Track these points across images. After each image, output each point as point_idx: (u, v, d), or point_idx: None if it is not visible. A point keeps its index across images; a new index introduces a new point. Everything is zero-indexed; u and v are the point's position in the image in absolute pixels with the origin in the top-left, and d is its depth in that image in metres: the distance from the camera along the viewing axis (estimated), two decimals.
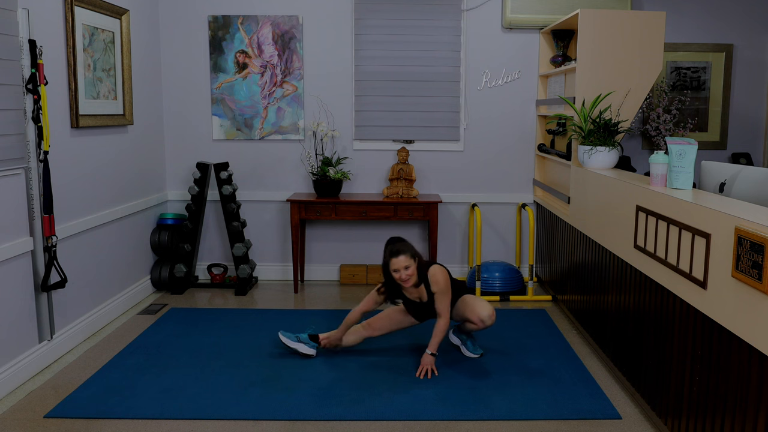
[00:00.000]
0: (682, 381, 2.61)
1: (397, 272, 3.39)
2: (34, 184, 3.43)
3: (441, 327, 3.46)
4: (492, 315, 3.50)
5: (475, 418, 2.95)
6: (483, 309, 3.50)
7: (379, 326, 3.69)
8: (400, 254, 3.39)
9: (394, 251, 3.40)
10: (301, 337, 3.66)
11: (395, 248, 3.41)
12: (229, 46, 5.12)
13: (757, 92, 5.30)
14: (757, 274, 2.02)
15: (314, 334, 3.70)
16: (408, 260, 3.39)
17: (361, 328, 3.70)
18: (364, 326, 3.70)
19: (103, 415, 2.97)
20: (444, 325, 3.46)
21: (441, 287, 3.45)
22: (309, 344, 3.65)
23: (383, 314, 3.72)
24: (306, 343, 3.65)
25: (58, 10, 3.69)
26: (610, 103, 4.03)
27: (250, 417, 2.96)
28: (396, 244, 3.43)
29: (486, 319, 3.49)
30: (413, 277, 3.41)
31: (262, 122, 5.20)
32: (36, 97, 3.37)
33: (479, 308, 3.51)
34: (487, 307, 3.51)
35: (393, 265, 3.39)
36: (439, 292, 3.45)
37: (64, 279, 3.60)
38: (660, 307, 2.82)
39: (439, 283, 3.44)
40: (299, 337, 3.66)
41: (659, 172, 2.98)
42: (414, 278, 3.42)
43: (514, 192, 5.30)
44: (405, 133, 5.21)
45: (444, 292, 3.46)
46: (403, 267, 3.38)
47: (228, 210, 4.98)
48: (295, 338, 3.66)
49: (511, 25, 5.05)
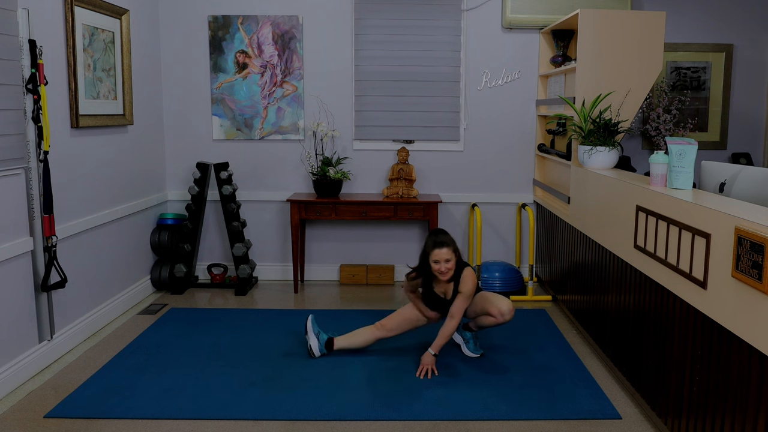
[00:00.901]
0: (682, 381, 2.61)
1: (437, 263, 3.38)
2: (34, 184, 3.43)
3: (449, 329, 3.45)
4: (512, 310, 3.50)
5: (475, 418, 2.95)
6: (504, 303, 3.50)
7: (392, 326, 3.65)
8: (445, 246, 3.38)
9: (439, 242, 3.39)
10: (321, 336, 3.64)
11: (440, 239, 3.39)
12: (229, 46, 5.12)
13: (757, 92, 5.30)
14: (757, 274, 2.02)
15: (331, 340, 3.65)
16: (450, 254, 3.38)
17: (374, 328, 3.67)
18: (377, 327, 3.67)
19: (103, 415, 2.97)
20: (452, 327, 3.45)
21: (468, 289, 3.44)
22: (321, 346, 3.63)
23: (396, 314, 3.68)
24: (321, 343, 3.63)
25: (58, 10, 3.69)
26: (610, 103, 4.03)
27: (250, 417, 2.96)
28: (441, 236, 3.42)
29: (506, 313, 3.47)
30: (451, 271, 3.41)
31: (262, 122, 5.20)
32: (36, 97, 3.37)
33: (500, 302, 3.50)
34: (508, 302, 3.51)
35: (435, 256, 3.38)
36: (464, 294, 3.45)
37: (64, 279, 3.60)
38: (660, 307, 2.82)
39: (467, 285, 3.44)
40: (319, 335, 3.64)
41: (659, 172, 2.98)
42: (451, 272, 3.42)
43: (514, 192, 5.30)
44: (405, 133, 5.21)
45: (468, 296, 3.46)
46: (445, 260, 3.37)
47: (228, 210, 4.98)
48: (317, 331, 3.64)
49: (511, 25, 5.05)
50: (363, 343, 3.67)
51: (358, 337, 3.67)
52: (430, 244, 3.42)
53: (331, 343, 3.65)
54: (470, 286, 3.45)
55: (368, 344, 3.69)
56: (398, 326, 3.66)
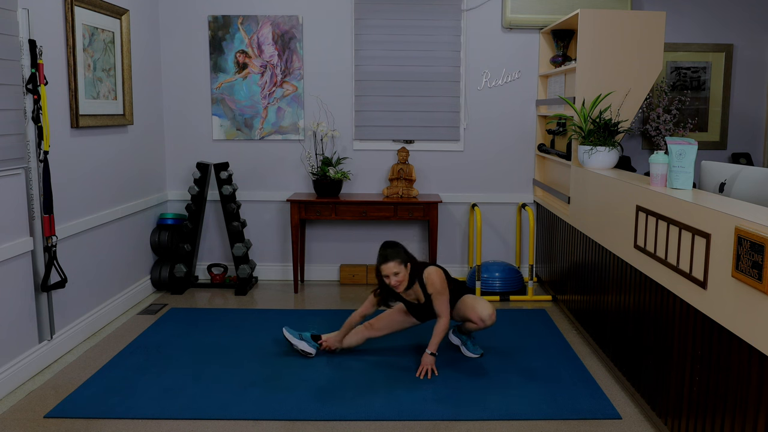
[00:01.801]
0: (682, 381, 2.61)
1: (387, 278, 3.41)
2: (34, 184, 3.43)
3: (441, 327, 3.47)
4: (492, 315, 3.51)
5: (475, 418, 2.95)
6: (484, 309, 3.51)
7: (380, 326, 3.71)
8: (389, 260, 3.39)
9: (383, 256, 3.41)
10: (304, 336, 3.69)
11: (385, 254, 3.41)
12: (229, 46, 5.12)
13: (757, 92, 5.30)
14: (757, 274, 2.02)
15: (317, 334, 3.73)
16: (397, 266, 3.38)
17: (363, 328, 3.72)
18: (366, 327, 3.72)
19: (103, 415, 2.97)
20: (444, 325, 3.46)
21: (437, 288, 3.45)
22: (310, 343, 3.67)
23: (384, 314, 3.73)
24: (308, 341, 3.67)
25: (58, 10, 3.69)
26: (610, 103, 4.03)
27: (250, 417, 2.96)
28: (387, 250, 3.43)
29: (486, 319, 3.49)
30: (403, 282, 3.42)
31: (262, 122, 5.20)
32: (36, 97, 3.37)
33: (480, 308, 3.52)
34: (488, 306, 3.52)
35: (383, 271, 3.41)
36: (436, 293, 3.46)
37: (64, 279, 3.60)
38: (660, 307, 2.82)
39: (435, 285, 3.45)
40: (302, 335, 3.69)
41: (659, 172, 2.98)
42: (404, 284, 3.43)
43: (514, 192, 5.30)
44: (405, 133, 5.21)
45: (440, 292, 3.46)
46: (393, 273, 3.38)
47: (228, 210, 4.98)
48: (298, 336, 3.69)
49: (511, 25, 5.05)
50: (354, 342, 3.70)
51: (349, 338, 3.70)
52: (378, 260, 3.44)
53: (316, 336, 3.71)
54: (438, 286, 3.45)
55: (358, 344, 3.72)
56: (386, 326, 3.70)
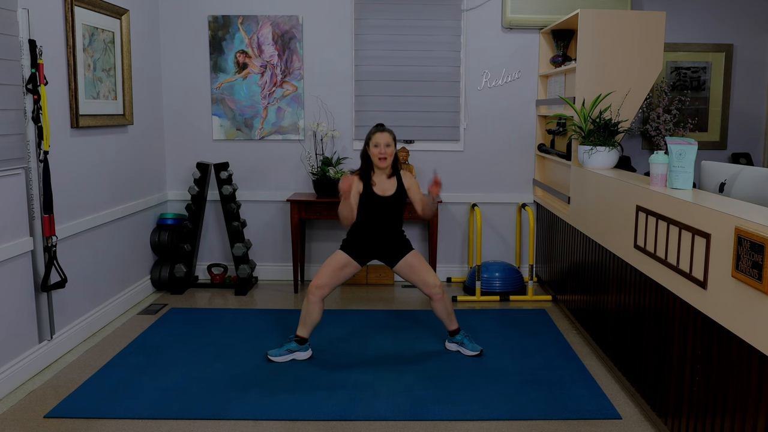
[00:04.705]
0: (682, 381, 2.61)
1: (377, 147, 3.54)
2: (34, 184, 3.43)
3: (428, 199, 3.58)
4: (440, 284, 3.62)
5: (475, 418, 2.95)
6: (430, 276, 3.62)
7: (323, 281, 3.53)
8: (386, 131, 3.58)
9: (380, 127, 3.60)
10: (290, 347, 3.60)
11: (381, 127, 3.61)
12: (229, 46, 5.12)
13: (757, 92, 5.30)
14: (757, 274, 2.02)
15: (299, 337, 3.60)
16: (390, 139, 3.57)
17: (310, 295, 3.53)
18: (310, 291, 3.53)
19: (103, 415, 2.97)
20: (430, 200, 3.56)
21: (412, 182, 3.66)
22: (301, 349, 3.61)
23: (324, 267, 3.58)
24: (297, 349, 3.60)
25: (58, 10, 3.69)
26: (610, 103, 4.03)
27: (250, 417, 2.96)
28: (382, 125, 3.63)
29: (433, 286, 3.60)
30: (390, 158, 3.57)
31: (262, 122, 5.20)
32: (36, 97, 3.37)
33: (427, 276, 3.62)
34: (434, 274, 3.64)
35: (376, 139, 3.56)
36: (411, 185, 3.65)
37: (64, 279, 3.60)
38: (660, 307, 2.82)
39: (409, 179, 3.66)
40: (289, 348, 3.60)
41: (659, 172, 2.98)
42: (390, 159, 3.57)
43: (514, 192, 5.30)
44: (405, 133, 5.21)
45: (414, 184, 3.67)
46: (385, 143, 3.54)
47: (228, 210, 4.98)
48: (286, 351, 3.59)
49: (511, 25, 5.05)
50: (316, 315, 3.56)
51: (309, 316, 3.56)
52: (372, 130, 3.61)
53: (300, 339, 3.59)
54: (413, 179, 3.68)
55: (320, 312, 3.57)
56: (330, 278, 3.55)
